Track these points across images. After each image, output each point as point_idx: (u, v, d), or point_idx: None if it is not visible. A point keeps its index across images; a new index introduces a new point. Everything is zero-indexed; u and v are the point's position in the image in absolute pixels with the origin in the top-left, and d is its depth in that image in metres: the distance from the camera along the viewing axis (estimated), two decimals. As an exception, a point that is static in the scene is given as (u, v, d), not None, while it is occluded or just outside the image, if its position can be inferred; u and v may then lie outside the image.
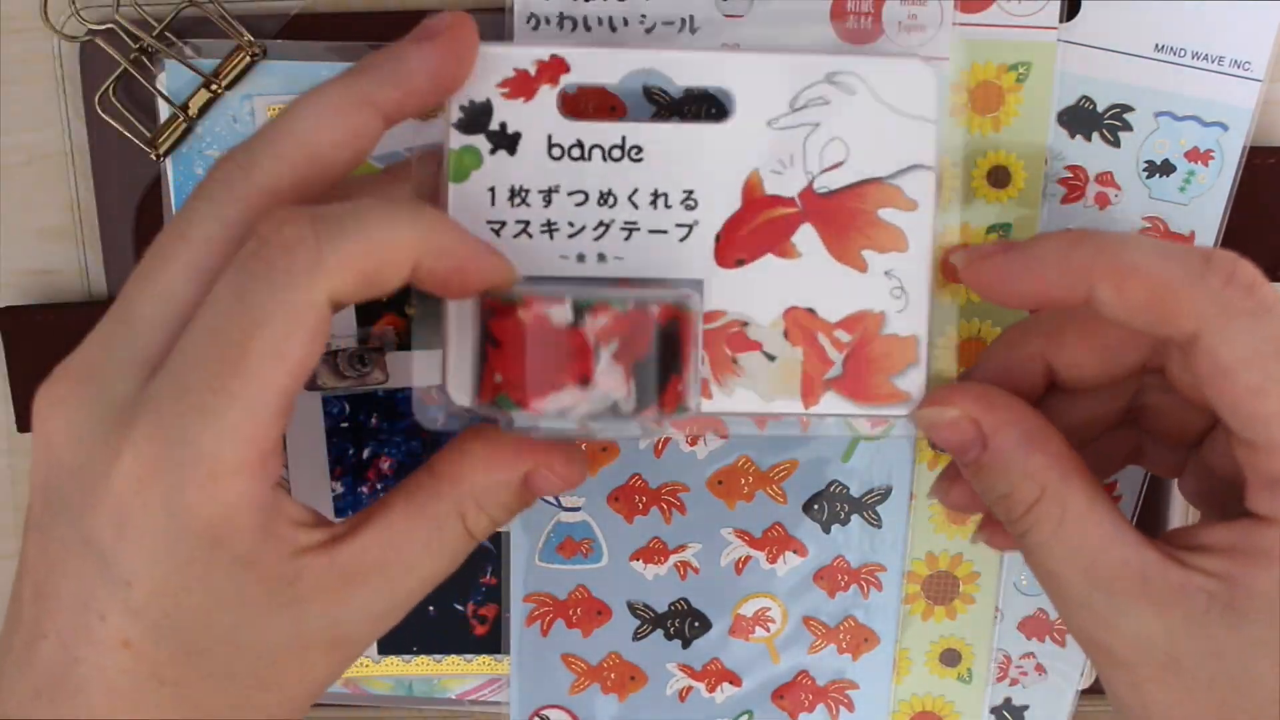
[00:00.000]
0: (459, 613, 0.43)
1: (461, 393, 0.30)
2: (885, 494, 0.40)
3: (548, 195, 0.29)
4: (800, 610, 0.42)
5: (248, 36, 0.38)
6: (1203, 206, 0.38)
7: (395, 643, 0.43)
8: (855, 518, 0.40)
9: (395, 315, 0.40)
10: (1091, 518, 0.27)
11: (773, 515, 0.40)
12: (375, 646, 0.43)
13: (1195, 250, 0.26)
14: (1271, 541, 0.26)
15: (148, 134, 0.38)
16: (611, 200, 0.29)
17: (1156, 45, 0.37)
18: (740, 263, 0.30)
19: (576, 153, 0.29)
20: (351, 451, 0.41)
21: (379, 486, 0.42)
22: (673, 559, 0.41)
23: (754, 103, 0.29)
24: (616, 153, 0.29)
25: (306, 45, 0.38)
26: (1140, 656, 0.27)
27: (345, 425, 0.41)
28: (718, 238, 0.30)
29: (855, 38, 0.36)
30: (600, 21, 0.36)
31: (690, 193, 0.30)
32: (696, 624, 0.42)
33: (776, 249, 0.30)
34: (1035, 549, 0.28)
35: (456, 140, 0.29)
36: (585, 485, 0.40)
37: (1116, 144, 0.38)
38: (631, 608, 0.41)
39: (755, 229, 0.30)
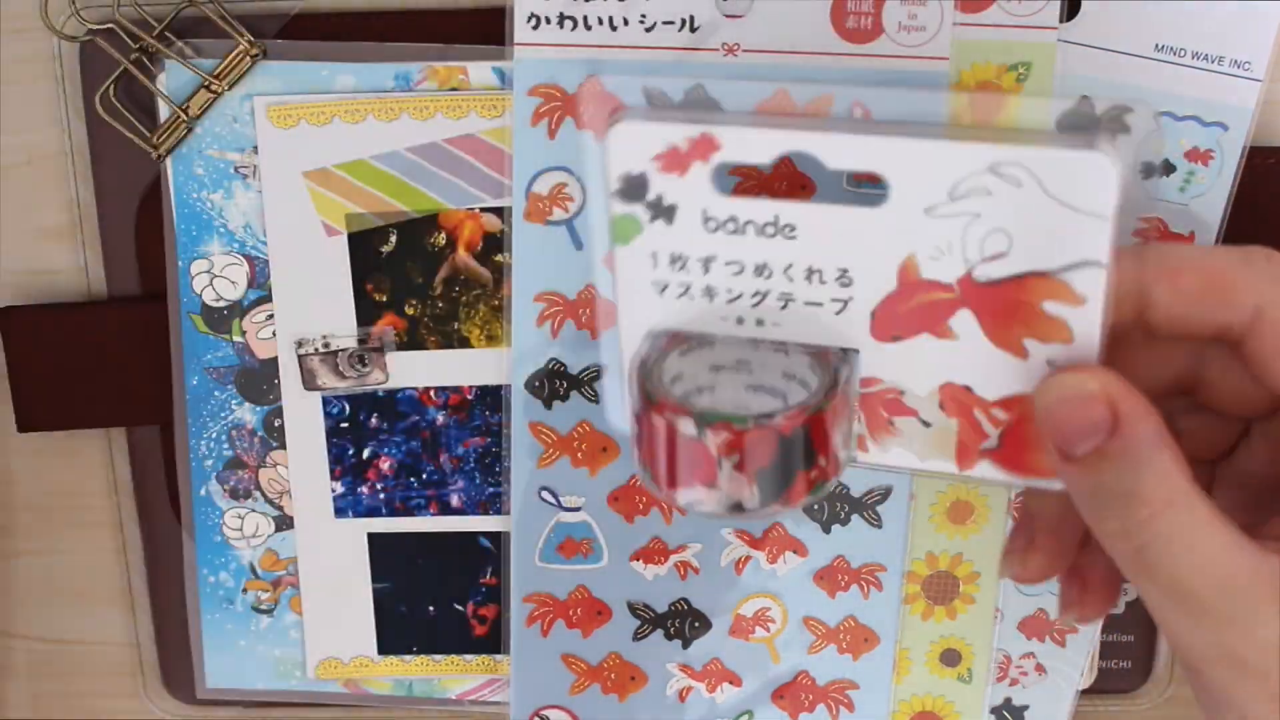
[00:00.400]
0: (459, 613, 0.43)
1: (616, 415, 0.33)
2: (885, 494, 0.40)
3: (705, 263, 0.30)
4: (800, 610, 0.42)
5: (248, 36, 0.38)
6: (1202, 206, 0.38)
7: (395, 643, 0.43)
8: (855, 518, 0.40)
9: (395, 315, 0.40)
10: (1218, 522, 0.26)
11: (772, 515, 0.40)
12: (375, 646, 0.43)
13: (1232, 246, 0.27)
14: None
15: (148, 134, 0.38)
16: (767, 272, 0.29)
17: (1156, 45, 0.37)
18: (896, 338, 0.30)
19: (731, 226, 0.29)
20: (351, 451, 0.41)
21: (379, 486, 0.42)
22: (673, 559, 0.41)
23: (910, 189, 0.28)
24: (770, 229, 0.29)
25: (306, 45, 0.38)
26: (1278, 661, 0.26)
27: (345, 425, 0.41)
28: (873, 314, 0.29)
29: (855, 38, 0.36)
30: (600, 20, 0.36)
31: (845, 270, 0.29)
32: (696, 624, 0.42)
33: (933, 329, 0.29)
34: (1163, 560, 0.26)
35: (618, 208, 0.30)
36: (585, 485, 0.40)
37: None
38: (631, 608, 0.41)
39: (911, 309, 0.29)
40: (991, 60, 0.36)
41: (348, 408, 0.41)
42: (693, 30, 0.36)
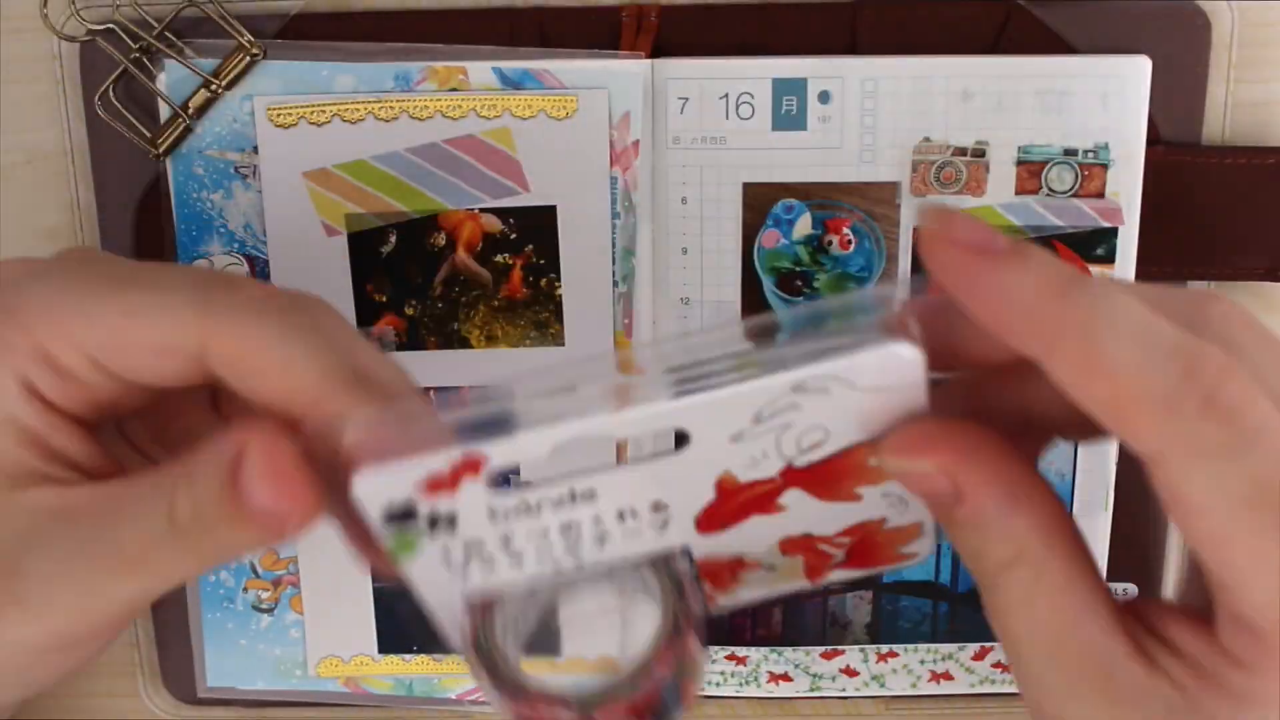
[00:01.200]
0: (459, 612, 0.43)
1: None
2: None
3: (505, 541, 0.27)
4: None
5: (248, 36, 0.38)
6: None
7: (395, 642, 0.43)
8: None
9: (395, 316, 0.40)
10: (1066, 591, 0.25)
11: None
12: (375, 645, 0.43)
13: (1181, 350, 0.22)
14: (1233, 681, 0.24)
15: (148, 134, 0.38)
16: (575, 530, 0.27)
17: None
18: (725, 528, 0.28)
19: (523, 511, 0.26)
20: (351, 451, 0.41)
21: (379, 486, 0.42)
22: None
23: (711, 433, 0.26)
24: (568, 500, 0.26)
25: (306, 45, 0.38)
26: None
27: (345, 425, 0.41)
28: (697, 521, 0.27)
29: None
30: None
31: (658, 502, 0.27)
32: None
33: (762, 511, 0.28)
34: (999, 610, 0.26)
35: (388, 533, 0.26)
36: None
37: None
38: None
39: (736, 507, 0.27)
40: None
41: (348, 407, 0.41)
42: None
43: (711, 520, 0.28)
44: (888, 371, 0.25)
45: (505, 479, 0.26)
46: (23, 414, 0.27)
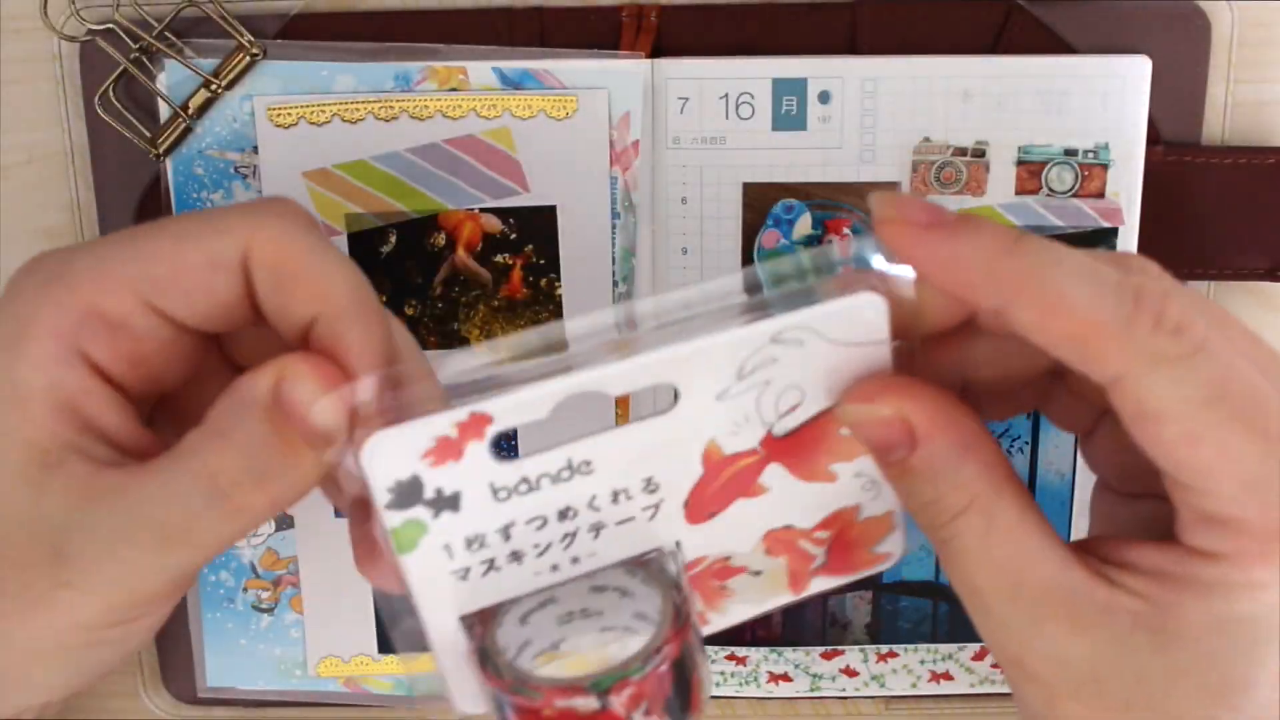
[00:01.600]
0: (459, 612, 0.43)
1: (471, 703, 0.29)
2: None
3: (505, 531, 0.27)
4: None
5: (248, 36, 0.38)
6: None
7: (395, 642, 0.43)
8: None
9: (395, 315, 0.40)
10: (1019, 532, 0.26)
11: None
12: (375, 645, 0.43)
13: (1126, 284, 0.25)
14: (1202, 574, 0.25)
15: (148, 134, 0.38)
16: (572, 514, 0.27)
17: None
18: (712, 515, 0.29)
19: (524, 488, 0.27)
20: (351, 451, 0.41)
21: (379, 486, 0.42)
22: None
23: (699, 387, 0.27)
24: (565, 474, 0.27)
25: (306, 45, 0.38)
26: (1059, 674, 0.26)
27: (345, 425, 0.41)
28: (685, 504, 0.28)
29: None
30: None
31: (649, 479, 0.28)
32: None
33: (745, 493, 0.29)
34: (957, 560, 0.27)
35: (393, 519, 0.26)
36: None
37: None
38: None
39: (721, 485, 0.28)
40: None
41: (348, 407, 0.41)
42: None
43: (700, 503, 0.28)
44: (856, 322, 0.27)
45: (510, 445, 0.25)
46: (66, 380, 0.27)
